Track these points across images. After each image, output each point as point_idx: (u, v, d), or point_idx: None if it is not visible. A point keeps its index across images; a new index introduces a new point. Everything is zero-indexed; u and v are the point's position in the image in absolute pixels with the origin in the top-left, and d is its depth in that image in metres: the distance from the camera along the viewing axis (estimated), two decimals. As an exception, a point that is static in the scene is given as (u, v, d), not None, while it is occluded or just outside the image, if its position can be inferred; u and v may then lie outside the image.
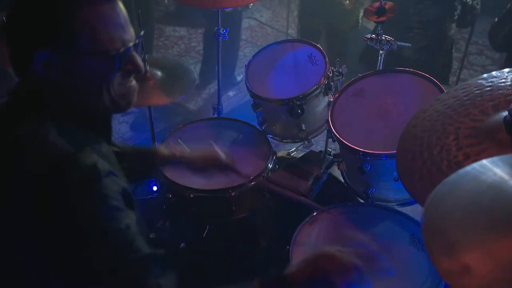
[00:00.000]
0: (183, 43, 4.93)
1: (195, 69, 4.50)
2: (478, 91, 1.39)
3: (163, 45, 4.86)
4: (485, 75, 1.40)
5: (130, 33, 1.20)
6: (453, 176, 0.96)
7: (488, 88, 1.37)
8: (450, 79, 3.59)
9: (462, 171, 0.95)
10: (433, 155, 1.34)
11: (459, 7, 3.11)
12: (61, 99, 1.19)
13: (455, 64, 4.32)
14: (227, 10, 3.88)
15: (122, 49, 1.17)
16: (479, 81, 1.41)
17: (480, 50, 4.81)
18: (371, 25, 3.98)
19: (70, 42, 1.13)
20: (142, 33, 1.24)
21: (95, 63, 1.16)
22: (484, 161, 0.94)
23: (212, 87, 4.28)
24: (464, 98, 1.40)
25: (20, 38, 1.14)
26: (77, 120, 1.21)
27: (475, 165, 0.94)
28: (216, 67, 2.86)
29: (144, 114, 3.97)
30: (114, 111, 1.27)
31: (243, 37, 4.58)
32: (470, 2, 3.10)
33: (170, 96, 2.31)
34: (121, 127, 3.89)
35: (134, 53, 1.21)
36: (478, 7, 3.15)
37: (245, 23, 4.72)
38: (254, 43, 4.86)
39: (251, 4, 4.05)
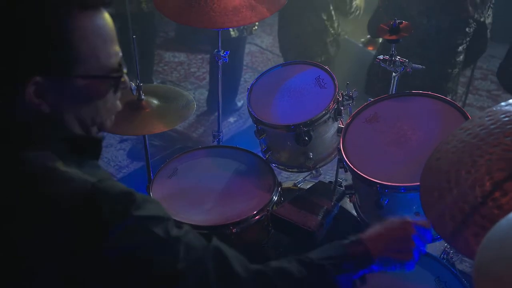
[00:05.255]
0: (183, 68, 4.82)
1: (195, 94, 4.36)
2: (506, 119, 1.22)
3: (162, 71, 4.75)
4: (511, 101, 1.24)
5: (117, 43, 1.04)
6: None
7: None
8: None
9: None
10: (464, 191, 1.16)
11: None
12: (55, 128, 1.02)
13: (460, 89, 4.18)
14: (232, 35, 3.75)
15: (120, 67, 1.03)
16: (506, 107, 1.24)
17: (485, 74, 4.71)
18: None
19: (67, 66, 0.97)
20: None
21: (95, 86, 1.01)
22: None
23: (213, 114, 4.13)
24: (492, 127, 1.23)
25: (7, 64, 0.95)
26: (70, 147, 1.05)
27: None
28: (218, 92, 2.69)
29: (141, 141, 3.80)
30: (100, 131, 1.12)
31: (243, 62, 4.47)
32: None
33: (167, 124, 2.14)
34: (118, 154, 3.75)
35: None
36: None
37: (246, 48, 4.61)
38: (254, 69, 4.77)
39: (255, 28, 3.91)
